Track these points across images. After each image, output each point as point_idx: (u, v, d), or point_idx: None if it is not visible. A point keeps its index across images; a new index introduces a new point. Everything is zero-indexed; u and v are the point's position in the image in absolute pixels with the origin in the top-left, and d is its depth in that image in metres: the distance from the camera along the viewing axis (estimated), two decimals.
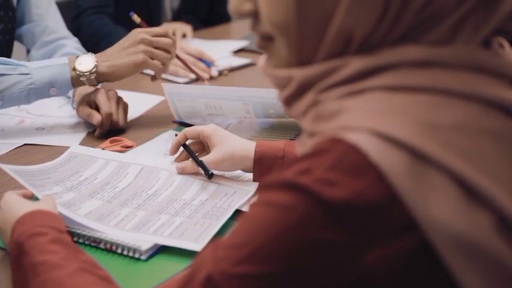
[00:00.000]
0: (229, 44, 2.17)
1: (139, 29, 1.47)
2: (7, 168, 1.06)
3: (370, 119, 0.56)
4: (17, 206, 0.93)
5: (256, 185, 1.12)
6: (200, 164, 1.14)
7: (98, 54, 1.43)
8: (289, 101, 0.64)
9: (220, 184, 1.14)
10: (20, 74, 1.36)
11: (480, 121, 0.57)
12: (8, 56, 1.70)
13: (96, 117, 1.39)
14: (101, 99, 1.41)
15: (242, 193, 1.11)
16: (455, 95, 0.57)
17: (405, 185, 0.54)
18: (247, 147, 1.14)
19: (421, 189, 0.54)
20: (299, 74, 0.62)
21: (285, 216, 0.57)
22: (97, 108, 1.42)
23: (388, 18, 0.58)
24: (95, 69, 1.39)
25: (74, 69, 1.38)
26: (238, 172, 1.18)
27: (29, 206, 0.93)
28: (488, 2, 0.58)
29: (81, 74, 1.38)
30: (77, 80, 1.39)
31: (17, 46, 1.88)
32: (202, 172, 1.14)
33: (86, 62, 1.39)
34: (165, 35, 1.46)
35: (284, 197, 0.57)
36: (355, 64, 0.59)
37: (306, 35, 0.61)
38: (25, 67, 1.38)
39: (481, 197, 0.55)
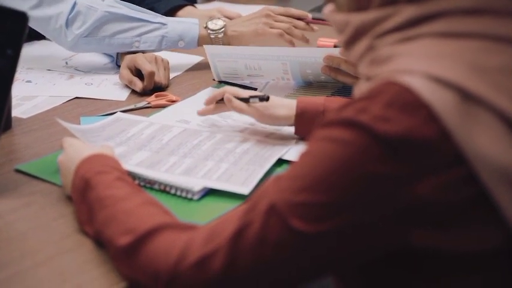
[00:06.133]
0: (254, 9, 2.20)
1: (268, 6, 1.66)
2: (65, 123, 1.11)
3: (422, 63, 0.62)
4: (81, 149, 1.00)
5: (295, 140, 1.20)
6: (251, 96, 1.18)
7: (227, 21, 1.63)
8: (347, 44, 0.71)
9: (260, 140, 1.20)
10: (158, 23, 1.58)
11: None
12: None
13: (138, 85, 1.47)
14: (141, 61, 1.48)
15: (283, 145, 1.18)
16: (503, 41, 0.63)
17: (454, 122, 0.60)
18: (289, 105, 1.19)
19: (469, 126, 0.60)
20: (355, 19, 0.68)
21: (344, 150, 0.63)
22: (138, 72, 1.49)
23: None
24: (223, 29, 1.60)
25: (206, 27, 1.59)
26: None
27: (92, 149, 1.00)
28: None
29: (211, 31, 1.59)
30: (205, 38, 1.60)
31: None
32: (257, 100, 1.17)
33: (217, 23, 1.61)
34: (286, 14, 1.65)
35: (343, 133, 0.63)
36: (407, 12, 0.65)
37: None
38: (163, 18, 1.60)
39: None
